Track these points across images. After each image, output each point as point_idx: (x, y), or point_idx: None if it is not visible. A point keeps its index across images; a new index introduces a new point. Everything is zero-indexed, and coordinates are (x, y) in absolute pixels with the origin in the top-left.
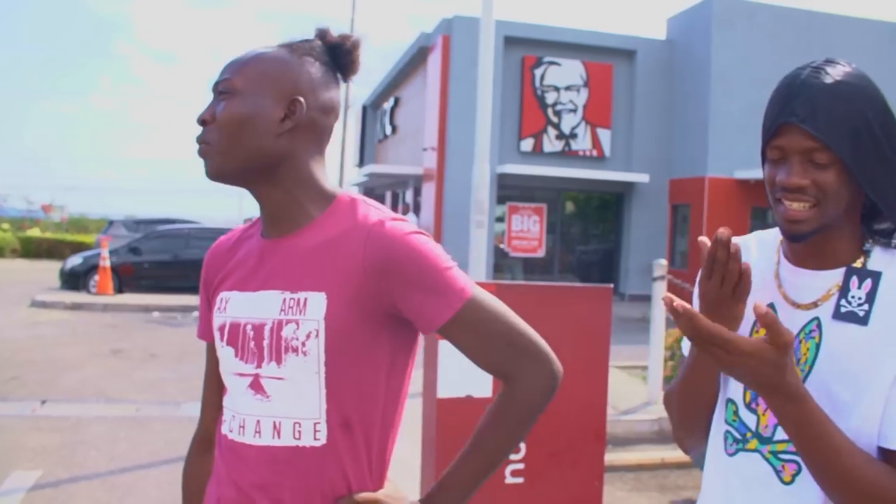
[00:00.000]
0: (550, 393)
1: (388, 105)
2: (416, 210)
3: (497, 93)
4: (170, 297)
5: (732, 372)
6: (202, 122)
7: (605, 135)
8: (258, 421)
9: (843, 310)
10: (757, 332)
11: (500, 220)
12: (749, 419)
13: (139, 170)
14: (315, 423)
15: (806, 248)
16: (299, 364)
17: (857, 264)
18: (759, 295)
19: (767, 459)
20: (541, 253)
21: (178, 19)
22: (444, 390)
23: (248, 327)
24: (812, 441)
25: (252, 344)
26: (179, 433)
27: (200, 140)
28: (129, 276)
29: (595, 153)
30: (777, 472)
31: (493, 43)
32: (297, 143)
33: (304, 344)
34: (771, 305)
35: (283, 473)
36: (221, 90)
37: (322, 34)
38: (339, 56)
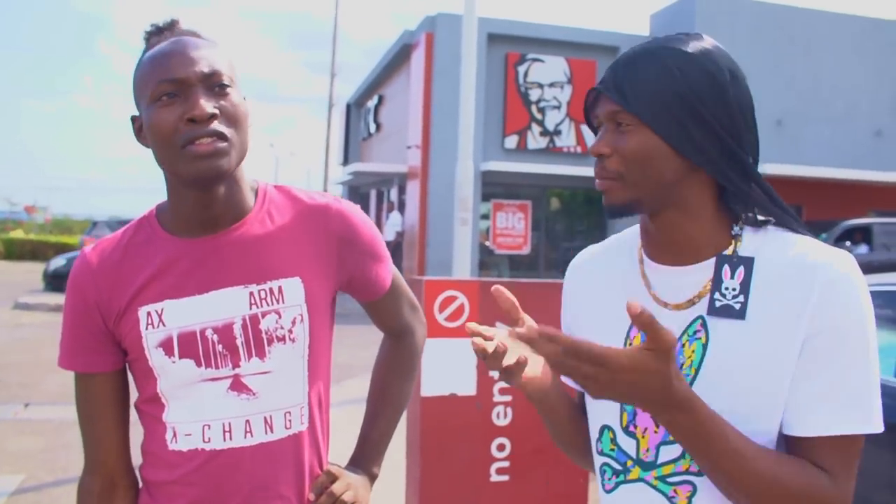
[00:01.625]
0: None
1: (371, 103)
2: (401, 208)
3: (481, 90)
4: None
5: (612, 394)
6: (210, 115)
7: (589, 131)
8: (247, 420)
9: (717, 304)
10: (631, 343)
11: (485, 217)
12: (628, 445)
13: (124, 169)
14: (301, 408)
15: (659, 237)
16: (286, 353)
17: (728, 251)
18: (622, 302)
19: (655, 487)
20: (526, 250)
21: (160, 17)
22: (428, 389)
23: (209, 332)
24: (712, 449)
25: (220, 347)
26: None
27: (209, 134)
28: None
29: (579, 150)
30: (669, 499)
31: (476, 40)
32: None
33: (290, 331)
34: None
35: (282, 466)
36: (216, 83)
37: (175, 23)
38: None
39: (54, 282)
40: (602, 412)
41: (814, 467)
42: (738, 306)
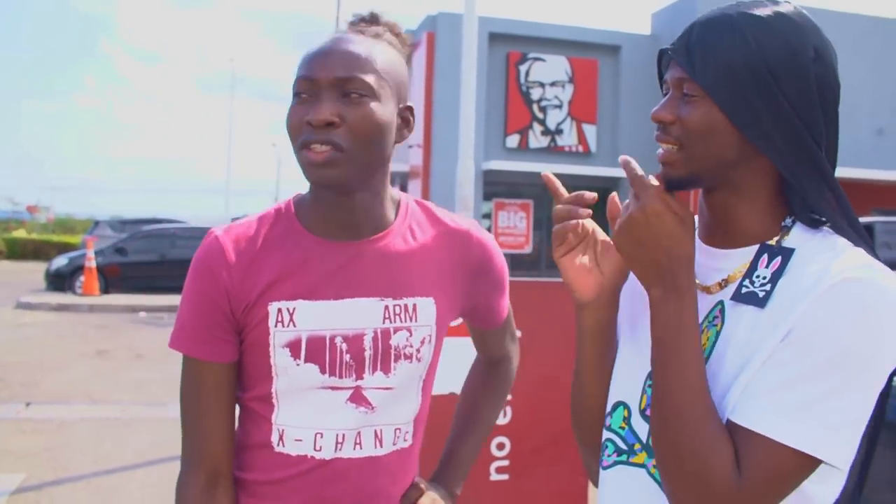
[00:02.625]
0: None
1: None
2: None
3: (482, 89)
4: (156, 298)
5: (633, 235)
6: (328, 123)
7: (590, 130)
8: (359, 433)
9: (743, 290)
10: None
11: (486, 216)
12: (641, 428)
13: (125, 169)
14: (409, 425)
15: (712, 220)
16: (410, 371)
17: (772, 241)
18: None
19: (653, 475)
20: (528, 249)
21: (162, 19)
22: (437, 387)
23: (338, 339)
24: (677, 359)
25: (348, 357)
26: (165, 434)
27: (325, 142)
28: (115, 277)
29: (581, 149)
30: (663, 489)
31: (477, 39)
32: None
33: (418, 351)
34: None
35: (385, 481)
36: (351, 90)
37: (375, 18)
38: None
39: (56, 281)
40: (622, 388)
41: (733, 454)
42: (762, 294)
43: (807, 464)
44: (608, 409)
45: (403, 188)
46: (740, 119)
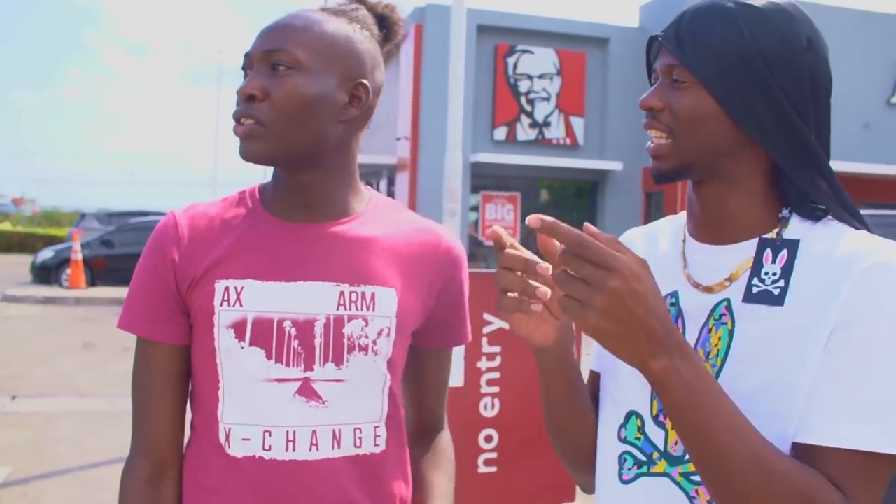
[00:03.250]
0: None
1: None
2: None
3: (470, 81)
4: None
5: (608, 316)
6: (249, 96)
7: (578, 123)
8: (314, 431)
9: (755, 290)
10: None
11: (474, 208)
12: (657, 436)
13: (113, 161)
14: (375, 427)
15: (701, 210)
16: (365, 364)
17: (772, 235)
18: (660, 281)
19: (679, 484)
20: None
21: (149, 10)
22: None
23: (287, 324)
24: (710, 415)
25: (296, 343)
26: None
27: (247, 116)
28: (102, 269)
29: (569, 141)
30: (691, 499)
31: (465, 31)
32: (352, 130)
33: (374, 342)
34: (674, 294)
35: (350, 488)
36: (278, 62)
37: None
38: (384, 26)
39: (42, 274)
40: (631, 397)
41: (825, 479)
42: (777, 291)
43: None
44: (619, 420)
45: (391, 181)
46: (732, 106)
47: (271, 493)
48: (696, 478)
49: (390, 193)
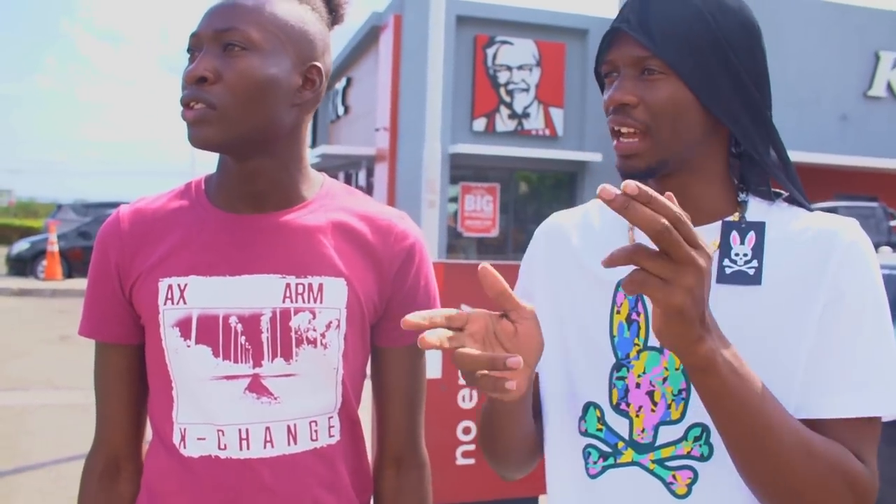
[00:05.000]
0: None
1: (340, 85)
2: (370, 191)
3: (449, 72)
4: None
5: (688, 291)
6: (200, 79)
7: (557, 114)
8: (267, 428)
9: (728, 271)
10: (618, 310)
11: (453, 199)
12: (620, 425)
13: (90, 152)
14: (329, 418)
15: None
16: (316, 357)
17: (734, 217)
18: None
19: (651, 471)
20: (494, 233)
21: None
22: None
23: (233, 319)
24: (750, 400)
25: (243, 339)
26: None
27: (197, 100)
28: (79, 261)
29: (548, 132)
30: (668, 485)
31: (444, 22)
32: (303, 114)
33: (323, 336)
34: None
35: (309, 483)
36: (230, 42)
37: None
38: (332, 8)
39: (18, 266)
40: (586, 388)
41: (848, 450)
42: (751, 272)
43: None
44: (577, 413)
45: (370, 172)
46: (705, 93)
47: (230, 495)
48: (672, 463)
49: (369, 184)
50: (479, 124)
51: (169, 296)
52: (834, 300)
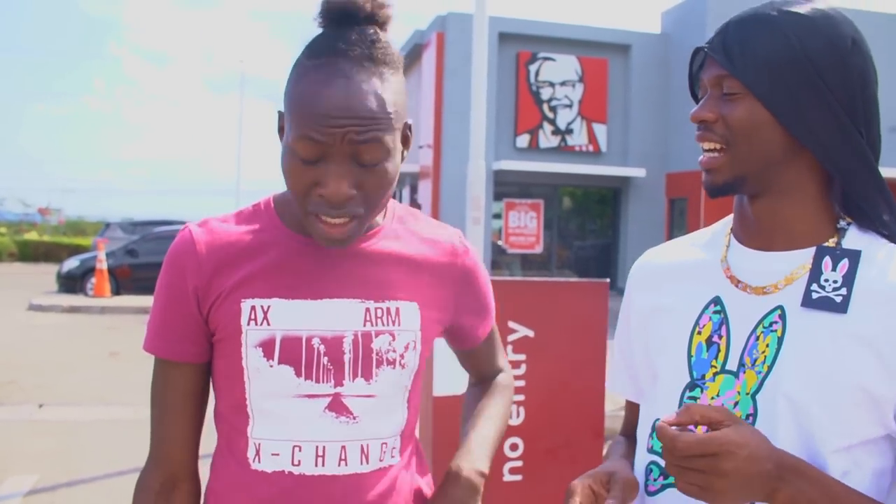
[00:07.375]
0: None
1: None
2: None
3: (492, 89)
4: None
5: (734, 483)
6: (346, 197)
7: (600, 130)
8: (343, 447)
9: (814, 296)
10: (700, 331)
11: (497, 216)
12: None
13: (135, 171)
14: (397, 438)
15: (754, 221)
16: (393, 378)
17: (830, 243)
18: (696, 288)
19: None
20: (538, 249)
21: (169, 20)
22: (440, 388)
23: (315, 341)
24: None
25: (325, 360)
26: None
27: (341, 215)
28: (126, 278)
29: (591, 148)
30: None
31: (487, 39)
32: None
33: (402, 356)
34: (717, 300)
35: (372, 502)
36: (368, 161)
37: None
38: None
39: (68, 283)
40: (657, 406)
41: None
42: (839, 299)
43: None
44: (646, 430)
45: (414, 189)
46: (784, 114)
47: None
48: None
49: (413, 201)
50: (523, 140)
51: (252, 316)
52: None
